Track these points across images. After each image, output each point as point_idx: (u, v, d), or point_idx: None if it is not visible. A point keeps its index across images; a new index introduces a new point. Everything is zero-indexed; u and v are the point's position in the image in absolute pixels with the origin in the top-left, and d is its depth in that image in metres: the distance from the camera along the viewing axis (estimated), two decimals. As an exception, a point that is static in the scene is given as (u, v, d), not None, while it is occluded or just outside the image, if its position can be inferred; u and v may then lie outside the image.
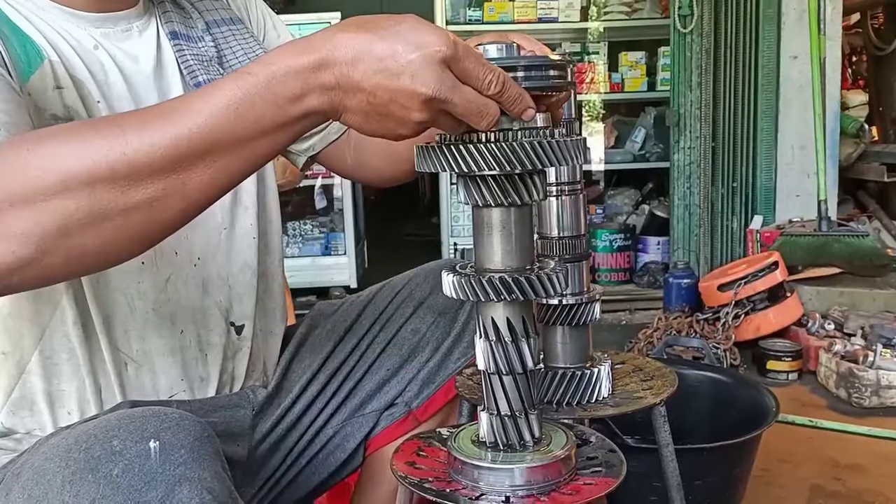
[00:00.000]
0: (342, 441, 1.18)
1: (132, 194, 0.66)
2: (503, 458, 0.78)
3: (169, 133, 0.66)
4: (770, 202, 3.61)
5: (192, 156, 0.67)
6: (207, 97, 0.68)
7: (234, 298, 1.07)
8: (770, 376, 2.72)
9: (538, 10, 4.10)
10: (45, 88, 0.88)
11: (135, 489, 0.68)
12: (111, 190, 0.66)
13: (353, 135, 1.20)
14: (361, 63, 0.67)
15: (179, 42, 1.04)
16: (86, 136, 0.68)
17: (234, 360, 1.08)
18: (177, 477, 0.69)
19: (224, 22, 1.10)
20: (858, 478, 1.98)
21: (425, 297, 1.19)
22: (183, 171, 0.67)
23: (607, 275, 3.97)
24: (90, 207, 0.66)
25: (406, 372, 1.18)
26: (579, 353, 1.08)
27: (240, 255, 1.08)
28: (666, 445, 1.12)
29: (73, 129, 0.70)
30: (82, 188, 0.65)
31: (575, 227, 1.08)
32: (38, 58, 0.89)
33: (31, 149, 0.67)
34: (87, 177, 0.65)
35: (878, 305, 2.95)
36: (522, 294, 0.73)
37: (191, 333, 1.02)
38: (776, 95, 3.55)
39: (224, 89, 0.68)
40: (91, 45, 0.96)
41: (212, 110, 0.67)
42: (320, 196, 4.14)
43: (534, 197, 0.75)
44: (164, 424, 0.72)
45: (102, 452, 0.70)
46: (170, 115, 0.68)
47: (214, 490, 0.70)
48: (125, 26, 1.00)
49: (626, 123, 4.51)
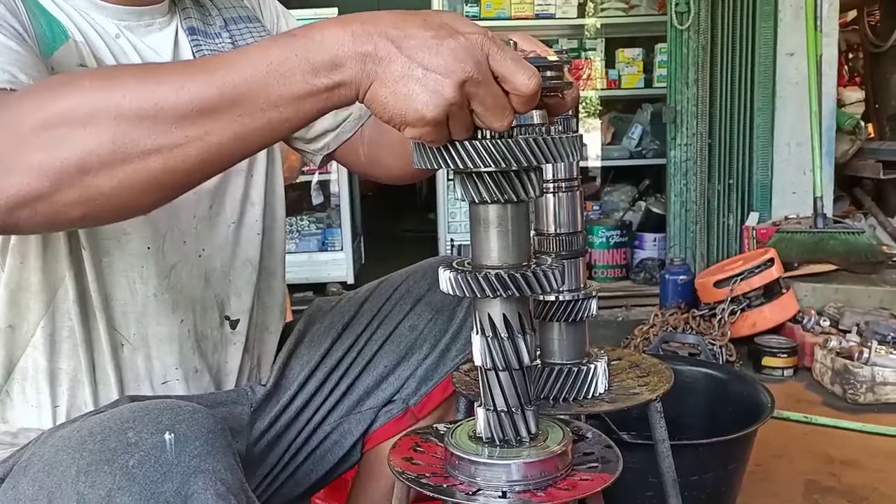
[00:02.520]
0: (340, 438, 1.18)
1: (154, 136, 0.66)
2: (500, 454, 0.79)
3: (199, 79, 0.66)
4: (766, 199, 3.61)
5: (219, 106, 0.66)
6: (248, 53, 0.68)
7: (231, 293, 1.08)
8: (765, 372, 2.73)
9: (535, 7, 4.09)
10: (69, 65, 0.90)
11: (150, 480, 0.69)
12: (135, 129, 0.66)
13: (366, 133, 1.20)
14: (405, 35, 0.66)
15: (197, 38, 1.05)
16: (119, 76, 0.70)
17: (227, 354, 1.09)
18: (192, 468, 0.70)
19: (241, 19, 1.12)
20: (853, 473, 1.99)
21: (423, 293, 1.19)
22: (207, 119, 0.66)
23: (604, 271, 3.98)
24: (112, 145, 0.66)
25: (404, 369, 1.18)
26: (576, 349, 1.09)
27: (244, 250, 1.09)
28: (662, 441, 1.13)
29: (108, 69, 0.72)
30: (108, 123, 0.65)
31: (572, 224, 1.08)
32: (63, 35, 0.91)
33: (66, 81, 0.68)
34: (114, 111, 0.65)
35: (873, 302, 2.96)
36: (519, 290, 0.74)
37: (189, 323, 1.03)
38: (773, 92, 3.55)
39: (265, 47, 0.68)
40: (114, 34, 0.98)
41: (245, 65, 0.67)
42: (317, 192, 4.13)
43: (530, 193, 0.75)
44: (179, 417, 0.73)
45: (118, 444, 0.71)
46: (205, 65, 0.69)
47: (228, 482, 0.71)
48: (148, 21, 1.01)
49: (623, 120, 4.52)
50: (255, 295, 1.11)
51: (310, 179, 4.06)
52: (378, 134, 1.18)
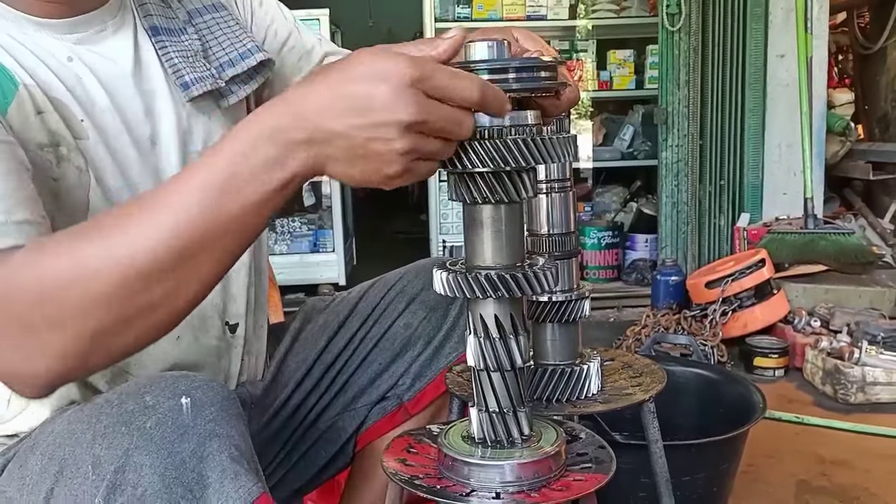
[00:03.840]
0: (334, 435, 1.18)
1: (148, 297, 0.68)
2: (493, 455, 0.78)
3: (162, 234, 0.67)
4: (757, 200, 3.63)
5: (192, 247, 0.68)
6: (186, 186, 0.68)
7: (228, 298, 1.07)
8: (757, 373, 2.74)
9: (527, 8, 4.10)
10: (25, 117, 0.84)
11: (168, 441, 0.70)
12: (130, 297, 0.68)
13: None
14: (330, 110, 0.65)
15: (161, 38, 0.99)
16: (90, 264, 0.69)
17: (230, 359, 1.08)
18: (208, 432, 0.71)
19: (206, 10, 1.06)
20: (844, 473, 2.00)
21: (417, 292, 1.19)
22: (190, 258, 0.68)
23: (595, 272, 3.98)
24: (116, 316, 0.68)
25: (398, 366, 1.18)
26: (569, 349, 1.09)
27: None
28: (655, 441, 1.13)
29: (78, 255, 0.70)
30: (102, 304, 0.68)
31: (565, 225, 1.09)
32: (12, 85, 0.84)
33: (42, 274, 0.69)
34: (104, 300, 0.67)
35: (863, 302, 2.97)
36: (512, 291, 0.74)
37: (188, 339, 1.02)
38: (763, 94, 3.57)
39: (199, 176, 0.68)
40: (65, 58, 0.92)
41: (195, 201, 0.67)
42: (308, 193, 4.12)
43: (523, 194, 0.75)
44: (195, 384, 0.74)
45: (136, 407, 0.72)
46: (150, 210, 0.69)
47: (241, 448, 0.73)
48: (99, 27, 0.95)
49: (615, 121, 4.52)
50: (248, 296, 1.10)
51: (301, 181, 4.05)
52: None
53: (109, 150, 0.93)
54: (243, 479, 0.71)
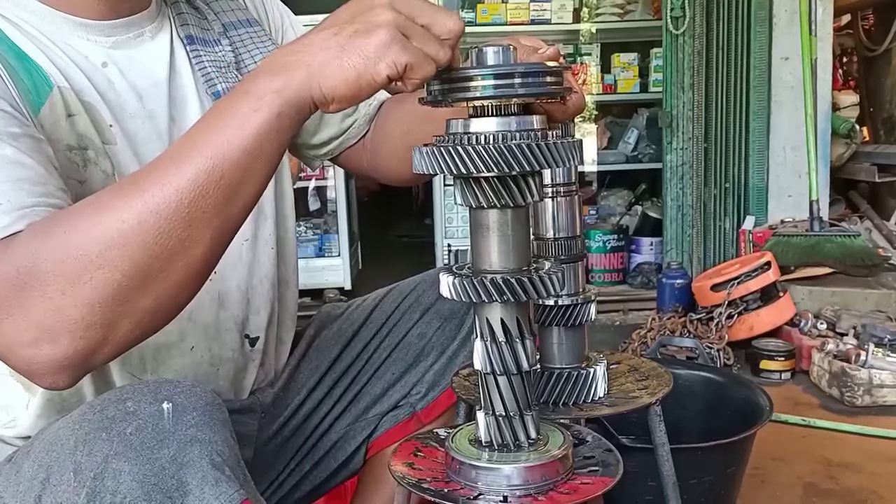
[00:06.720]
0: (346, 444, 1.18)
1: (165, 242, 0.68)
2: (501, 458, 0.79)
3: (178, 172, 0.68)
4: (762, 202, 3.62)
5: (207, 185, 0.68)
6: (200, 128, 0.71)
7: (251, 311, 1.06)
8: (763, 376, 2.73)
9: (531, 12, 4.10)
10: (56, 119, 0.86)
11: (147, 447, 0.69)
12: (145, 245, 0.68)
13: (369, 139, 1.20)
14: (313, 33, 0.71)
15: (196, 47, 1.00)
16: (108, 203, 0.70)
17: (246, 372, 1.08)
18: (189, 437, 0.71)
19: (241, 24, 1.07)
20: (851, 476, 1.99)
21: (432, 302, 1.18)
22: (200, 200, 0.69)
23: (601, 275, 3.98)
24: (133, 269, 0.68)
25: (411, 375, 1.17)
26: (575, 353, 1.09)
27: (261, 266, 1.06)
28: (662, 445, 1.13)
29: (95, 200, 0.71)
30: (120, 253, 0.67)
31: (570, 228, 1.09)
32: (47, 86, 0.86)
33: (67, 230, 0.69)
34: (120, 240, 0.67)
35: (869, 305, 2.96)
36: (519, 295, 0.74)
37: (202, 349, 1.01)
38: (768, 96, 3.56)
39: (215, 109, 0.71)
40: (100, 62, 0.92)
41: (207, 134, 0.69)
42: (314, 198, 4.13)
43: (529, 198, 0.76)
44: (177, 389, 0.74)
45: (116, 413, 0.71)
46: (176, 157, 0.70)
47: (224, 454, 0.72)
48: (137, 31, 0.96)
49: (619, 125, 4.52)
50: (271, 310, 1.09)
51: (306, 185, 4.06)
52: (381, 139, 1.17)
53: (137, 156, 0.93)
54: (224, 485, 0.70)
